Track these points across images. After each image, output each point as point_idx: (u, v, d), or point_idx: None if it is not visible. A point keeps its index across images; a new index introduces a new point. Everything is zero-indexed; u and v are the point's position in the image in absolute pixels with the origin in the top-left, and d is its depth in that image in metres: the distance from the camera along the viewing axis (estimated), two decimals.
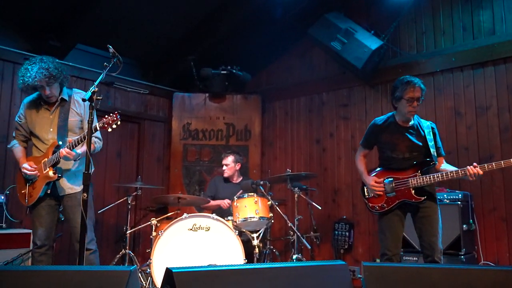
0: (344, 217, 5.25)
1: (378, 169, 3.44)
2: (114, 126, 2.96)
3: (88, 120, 2.81)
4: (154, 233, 4.17)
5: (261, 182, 4.47)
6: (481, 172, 3.03)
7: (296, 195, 4.63)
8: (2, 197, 4.15)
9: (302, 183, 5.00)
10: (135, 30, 5.37)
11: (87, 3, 4.67)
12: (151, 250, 3.94)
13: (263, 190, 4.36)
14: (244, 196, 4.29)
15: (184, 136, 6.02)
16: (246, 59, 5.97)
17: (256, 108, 6.16)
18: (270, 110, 6.25)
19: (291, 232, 4.62)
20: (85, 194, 2.72)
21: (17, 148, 3.43)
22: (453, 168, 3.20)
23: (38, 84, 3.15)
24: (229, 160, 5.01)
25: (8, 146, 3.54)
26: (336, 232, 5.15)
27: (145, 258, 4.90)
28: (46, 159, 3.22)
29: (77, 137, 3.12)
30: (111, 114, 2.97)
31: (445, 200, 4.16)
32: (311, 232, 5.10)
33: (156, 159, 6.02)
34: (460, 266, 2.74)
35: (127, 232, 4.68)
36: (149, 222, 4.27)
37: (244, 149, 5.95)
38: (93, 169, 3.46)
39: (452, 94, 4.69)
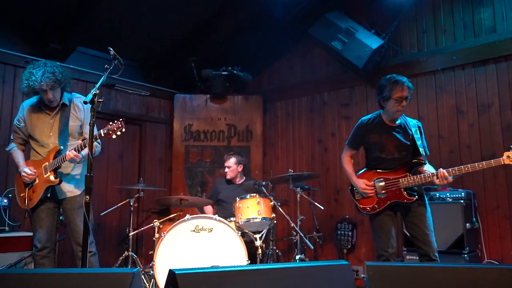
0: (347, 216, 5.23)
1: (365, 169, 3.40)
2: (118, 133, 2.93)
3: (90, 123, 2.81)
4: (156, 235, 4.17)
5: (263, 183, 4.46)
6: (448, 178, 3.00)
7: (298, 195, 4.63)
8: (5, 201, 4.15)
9: (305, 183, 5.00)
10: (136, 32, 5.38)
11: (88, 5, 4.68)
12: (154, 252, 3.94)
13: (265, 191, 4.35)
14: (247, 196, 4.29)
15: (186, 138, 6.02)
16: (247, 59, 5.97)
17: (257, 108, 6.15)
18: (272, 111, 6.25)
19: (294, 233, 4.61)
20: (87, 197, 2.72)
21: (16, 151, 3.43)
22: (433, 170, 3.18)
23: (44, 88, 3.14)
24: (231, 161, 5.01)
25: (6, 149, 3.53)
26: (339, 232, 5.13)
27: (148, 260, 4.91)
28: (47, 163, 3.22)
29: (84, 141, 3.11)
30: (116, 122, 2.95)
31: (448, 199, 4.15)
32: (314, 232, 5.09)
33: (158, 161, 6.02)
34: (464, 265, 2.74)
35: (130, 234, 4.68)
36: (152, 224, 4.27)
37: (246, 150, 5.95)
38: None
39: (453, 93, 4.67)
